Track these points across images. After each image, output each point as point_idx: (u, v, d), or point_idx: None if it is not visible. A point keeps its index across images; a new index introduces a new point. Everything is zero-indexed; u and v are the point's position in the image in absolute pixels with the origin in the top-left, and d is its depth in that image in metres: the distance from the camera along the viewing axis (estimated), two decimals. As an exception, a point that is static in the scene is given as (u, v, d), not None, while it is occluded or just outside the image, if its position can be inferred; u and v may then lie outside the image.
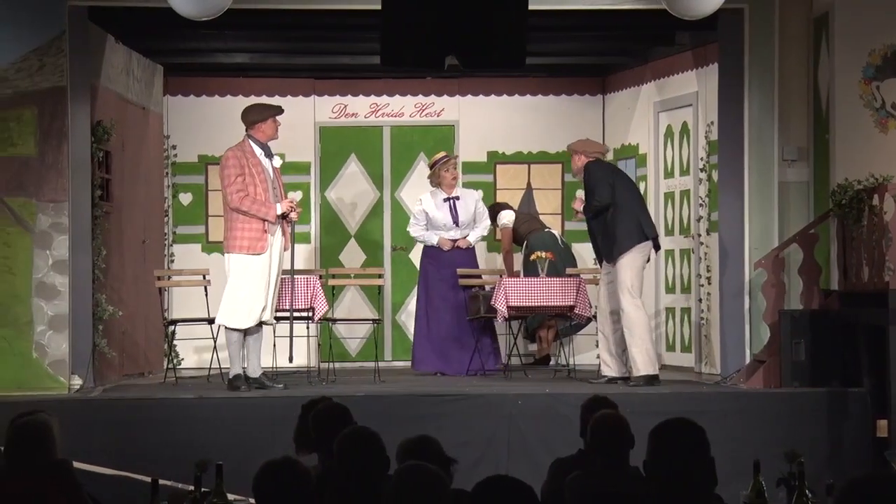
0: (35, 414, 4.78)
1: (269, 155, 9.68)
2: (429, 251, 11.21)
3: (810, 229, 10.00)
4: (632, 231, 9.93)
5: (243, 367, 9.67)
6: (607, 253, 9.98)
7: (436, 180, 11.20)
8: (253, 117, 9.70)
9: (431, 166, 11.27)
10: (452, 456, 4.77)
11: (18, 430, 4.64)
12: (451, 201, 11.13)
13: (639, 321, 9.93)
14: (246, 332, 9.61)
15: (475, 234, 11.17)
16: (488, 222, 11.36)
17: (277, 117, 9.71)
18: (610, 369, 10.16)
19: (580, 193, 10.48)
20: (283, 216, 9.54)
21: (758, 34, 10.27)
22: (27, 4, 9.69)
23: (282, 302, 9.93)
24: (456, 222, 11.08)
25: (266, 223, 9.48)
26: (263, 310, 9.55)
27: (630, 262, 9.92)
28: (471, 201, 11.19)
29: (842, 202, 9.66)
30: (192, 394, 9.55)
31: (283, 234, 9.66)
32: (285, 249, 9.71)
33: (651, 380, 9.88)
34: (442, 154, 11.37)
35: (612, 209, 9.96)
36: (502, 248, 12.45)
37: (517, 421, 9.07)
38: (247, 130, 9.70)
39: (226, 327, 9.65)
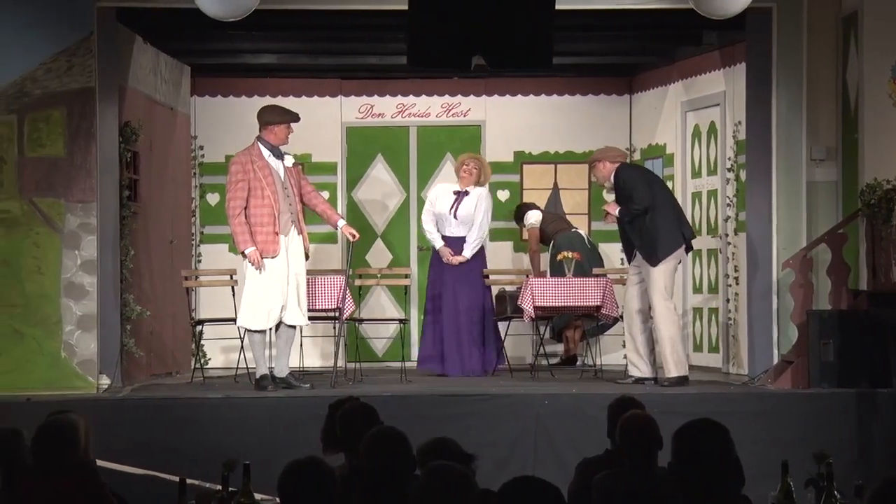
0: (63, 414, 4.80)
1: (279, 156, 9.68)
2: (436, 254, 11.20)
3: (839, 229, 9.94)
4: (674, 232, 9.90)
5: (270, 368, 9.69)
6: (649, 255, 9.91)
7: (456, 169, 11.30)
8: (268, 118, 9.72)
9: (462, 158, 11.28)
10: (477, 455, 4.76)
11: (44, 429, 4.66)
12: (460, 195, 11.12)
13: (671, 323, 9.91)
14: (275, 332, 9.65)
15: (468, 249, 11.03)
16: (484, 227, 11.10)
17: (292, 124, 9.73)
18: (637, 370, 10.13)
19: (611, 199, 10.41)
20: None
21: (786, 33, 10.22)
22: (56, 6, 9.73)
23: (314, 302, 9.96)
24: (454, 214, 11.07)
25: (277, 226, 9.49)
26: (283, 310, 9.56)
27: (664, 265, 9.89)
28: (473, 199, 11.11)
29: (870, 202, 9.61)
30: (219, 394, 9.57)
31: (301, 233, 9.67)
32: (306, 249, 9.74)
33: (681, 381, 9.87)
34: (469, 155, 11.36)
35: (651, 211, 9.91)
36: (529, 248, 12.42)
37: (544, 421, 9.06)
38: (259, 130, 9.72)
39: (246, 329, 9.68)
